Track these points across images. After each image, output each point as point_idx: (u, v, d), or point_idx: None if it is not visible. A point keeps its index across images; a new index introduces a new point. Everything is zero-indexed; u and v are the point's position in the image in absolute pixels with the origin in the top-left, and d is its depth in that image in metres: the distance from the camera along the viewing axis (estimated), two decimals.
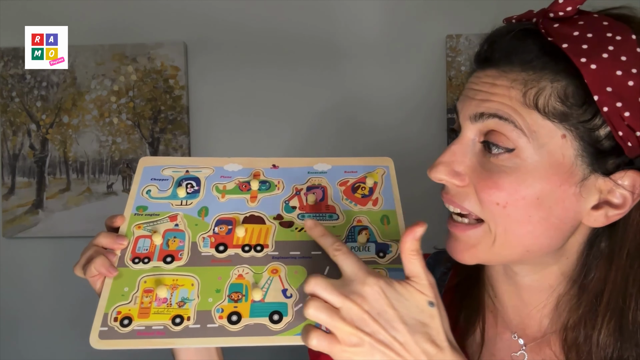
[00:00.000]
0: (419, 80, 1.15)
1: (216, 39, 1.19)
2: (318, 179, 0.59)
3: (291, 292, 0.49)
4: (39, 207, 1.20)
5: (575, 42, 0.44)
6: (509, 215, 0.47)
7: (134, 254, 0.52)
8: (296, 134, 1.18)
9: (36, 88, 1.19)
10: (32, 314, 1.22)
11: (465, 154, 0.49)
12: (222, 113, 1.20)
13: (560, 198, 0.46)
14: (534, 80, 0.45)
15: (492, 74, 0.47)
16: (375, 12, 1.17)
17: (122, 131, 1.19)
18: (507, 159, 0.46)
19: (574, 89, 0.44)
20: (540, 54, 0.45)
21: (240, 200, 0.57)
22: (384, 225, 0.54)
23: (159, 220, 0.54)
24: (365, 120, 1.17)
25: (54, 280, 1.21)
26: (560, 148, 0.45)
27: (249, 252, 0.52)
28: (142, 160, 0.60)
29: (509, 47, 0.47)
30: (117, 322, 0.47)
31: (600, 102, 0.43)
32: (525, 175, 0.45)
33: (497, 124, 0.46)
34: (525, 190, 0.46)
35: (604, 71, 0.43)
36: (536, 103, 0.45)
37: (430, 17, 1.15)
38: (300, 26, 1.18)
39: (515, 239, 0.48)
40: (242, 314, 0.47)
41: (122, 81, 1.19)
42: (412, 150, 1.11)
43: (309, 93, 1.18)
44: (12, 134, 1.20)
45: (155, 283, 0.49)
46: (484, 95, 0.47)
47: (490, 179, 0.46)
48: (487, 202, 0.47)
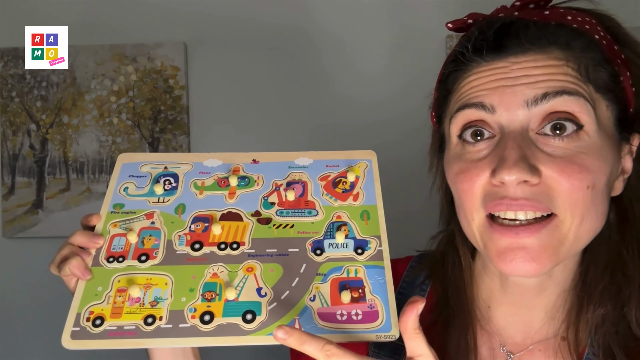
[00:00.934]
0: (419, 80, 1.15)
1: (216, 38, 1.19)
2: (299, 174, 0.57)
3: (266, 291, 0.48)
4: (39, 207, 1.20)
5: (580, 24, 0.46)
6: (592, 199, 0.44)
7: (109, 252, 0.51)
8: (296, 134, 1.18)
9: (36, 88, 1.19)
10: (32, 314, 1.22)
11: (529, 145, 0.44)
12: (222, 113, 1.20)
13: (616, 169, 0.47)
14: (580, 57, 0.45)
15: (526, 59, 0.45)
16: (376, 12, 1.17)
17: (122, 131, 1.19)
18: (578, 138, 0.44)
19: (603, 63, 0.45)
20: (572, 34, 0.46)
21: (218, 196, 0.55)
22: (364, 220, 0.53)
23: (135, 218, 0.54)
24: (365, 120, 1.16)
25: (54, 280, 1.21)
26: (607, 119, 0.46)
27: (225, 250, 0.51)
28: (121, 156, 0.59)
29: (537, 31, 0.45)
30: (89, 322, 0.46)
31: (619, 73, 0.46)
32: (600, 149, 0.44)
33: (566, 102, 0.43)
34: (606, 165, 0.44)
35: (610, 45, 0.46)
36: (589, 76, 0.44)
37: (430, 17, 1.15)
38: (300, 26, 1.18)
39: (590, 223, 0.45)
40: (215, 314, 0.46)
41: (122, 81, 1.19)
42: (412, 150, 1.11)
43: (309, 93, 1.18)
44: (12, 134, 1.20)
45: (129, 282, 0.48)
46: (531, 78, 0.44)
47: (574, 163, 0.43)
48: (577, 189, 0.43)
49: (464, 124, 0.48)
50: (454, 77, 0.50)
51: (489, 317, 0.55)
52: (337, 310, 0.46)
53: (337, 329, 0.45)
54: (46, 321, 1.22)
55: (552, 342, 0.51)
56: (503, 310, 0.54)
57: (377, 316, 0.46)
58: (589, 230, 0.46)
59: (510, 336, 0.53)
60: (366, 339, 0.45)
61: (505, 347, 0.53)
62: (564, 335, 0.50)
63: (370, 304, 0.46)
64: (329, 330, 0.45)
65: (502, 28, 0.46)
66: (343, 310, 0.46)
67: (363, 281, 0.48)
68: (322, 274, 0.49)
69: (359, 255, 0.50)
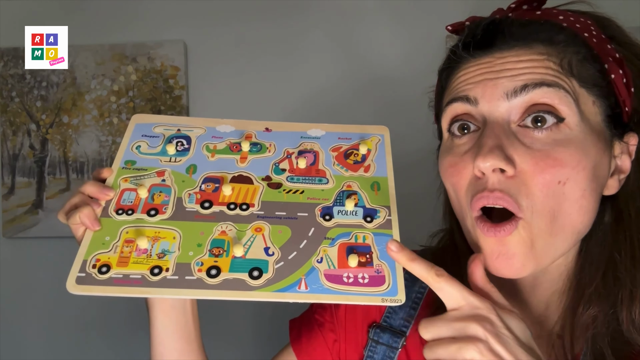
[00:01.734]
0: (419, 80, 1.15)
1: (216, 38, 1.18)
2: (311, 144, 0.58)
3: (273, 251, 0.48)
4: (39, 207, 1.20)
5: (570, 22, 0.46)
6: (564, 194, 0.44)
7: (118, 205, 0.52)
8: None
9: (36, 88, 1.19)
10: (32, 314, 1.22)
11: (508, 136, 0.45)
12: (222, 113, 1.19)
13: (605, 165, 0.46)
14: (563, 52, 0.45)
15: (511, 54, 0.46)
16: (375, 12, 1.17)
17: (122, 131, 1.19)
18: (558, 131, 0.44)
19: (590, 59, 0.46)
20: (555, 30, 0.46)
21: (229, 160, 0.57)
22: (374, 191, 0.54)
23: (146, 175, 0.55)
24: (364, 119, 1.16)
25: (54, 280, 1.21)
26: (594, 114, 0.46)
27: (234, 210, 0.52)
28: (135, 117, 0.61)
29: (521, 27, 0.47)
30: (95, 269, 0.46)
31: (609, 70, 0.45)
32: (582, 143, 0.44)
33: (545, 93, 0.44)
34: (586, 160, 0.44)
35: (602, 44, 0.46)
36: (571, 69, 0.45)
37: (431, 17, 1.15)
38: (301, 26, 1.18)
39: (566, 219, 0.45)
40: (222, 269, 0.47)
41: (122, 81, 1.19)
42: (411, 150, 1.11)
43: (309, 93, 1.18)
44: (12, 134, 1.20)
45: (137, 234, 0.49)
46: (513, 71, 0.45)
47: (549, 157, 0.43)
48: (548, 183, 0.43)
49: (451, 118, 0.50)
50: (446, 74, 0.52)
51: None
52: (344, 273, 0.47)
53: (343, 291, 0.45)
54: (46, 321, 1.22)
55: (547, 339, 0.51)
56: None
57: (383, 280, 0.46)
58: (566, 227, 0.45)
59: None
60: (372, 302, 0.45)
61: None
62: (560, 334, 0.51)
63: (377, 269, 0.47)
64: (335, 291, 0.45)
65: (490, 26, 0.48)
66: (350, 273, 0.47)
67: (371, 247, 0.49)
68: (330, 238, 0.49)
69: (367, 223, 0.51)
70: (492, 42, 0.47)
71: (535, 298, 0.52)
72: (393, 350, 0.57)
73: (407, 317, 0.58)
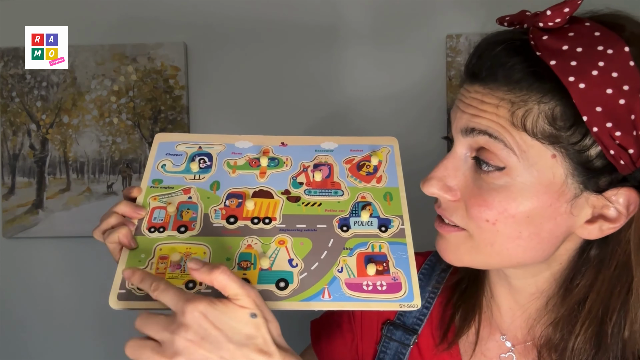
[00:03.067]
0: (418, 80, 1.15)
1: (216, 39, 1.19)
2: (325, 157, 0.61)
3: (297, 262, 0.51)
4: (39, 207, 1.20)
5: (564, 58, 0.42)
6: (498, 231, 0.47)
7: (150, 223, 0.54)
8: (297, 134, 1.18)
9: (36, 88, 1.19)
10: (32, 314, 1.22)
11: (458, 168, 0.50)
12: (222, 113, 1.20)
13: (551, 215, 0.46)
14: (521, 101, 0.43)
15: (480, 90, 0.47)
16: (375, 12, 1.17)
17: (122, 131, 1.19)
18: (498, 177, 0.46)
19: (563, 109, 0.42)
20: (526, 73, 0.43)
21: (250, 175, 0.59)
22: (387, 201, 0.57)
23: (174, 193, 0.57)
24: (364, 120, 1.16)
25: (54, 281, 1.21)
26: (551, 168, 0.44)
27: (258, 224, 0.54)
28: (158, 136, 0.64)
29: (495, 63, 0.45)
30: (134, 285, 0.49)
31: (590, 123, 0.41)
32: (515, 194, 0.45)
33: (488, 142, 0.46)
34: (515, 208, 0.46)
35: (593, 90, 0.41)
36: (524, 124, 0.43)
37: (430, 17, 1.15)
38: (300, 26, 1.18)
39: (504, 251, 0.48)
40: (251, 281, 0.49)
41: (122, 81, 1.19)
42: (411, 150, 1.11)
43: (308, 93, 1.18)
44: (12, 134, 1.20)
45: (170, 251, 0.52)
46: (473, 110, 0.47)
47: (480, 197, 0.47)
48: (476, 218, 0.48)
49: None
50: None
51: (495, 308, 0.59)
52: (363, 281, 0.50)
53: (364, 298, 0.49)
54: (46, 321, 1.22)
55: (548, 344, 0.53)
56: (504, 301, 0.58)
57: (400, 287, 0.50)
58: (507, 256, 0.49)
59: (511, 330, 0.57)
60: (391, 308, 0.49)
61: (506, 337, 0.57)
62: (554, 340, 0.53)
63: (394, 276, 0.50)
64: (356, 299, 0.49)
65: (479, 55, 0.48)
66: (369, 281, 0.50)
67: (387, 256, 0.52)
68: (348, 249, 0.53)
69: (382, 233, 0.54)
70: (475, 74, 0.48)
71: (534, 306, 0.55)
72: (405, 347, 0.59)
73: (420, 316, 0.61)
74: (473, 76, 0.48)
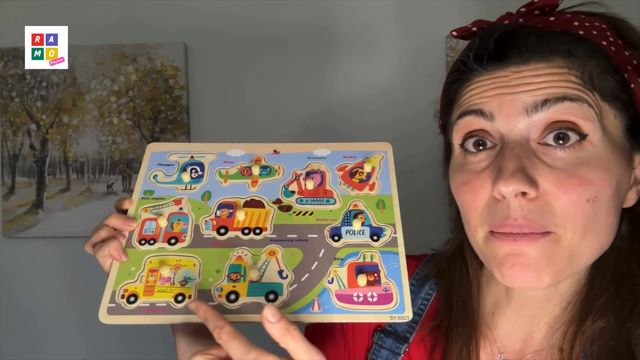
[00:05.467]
0: (418, 80, 1.15)
1: (216, 39, 1.19)
2: (317, 164, 0.60)
3: (287, 273, 0.50)
4: (39, 207, 1.20)
5: (587, 30, 0.44)
6: (595, 213, 0.42)
7: (141, 235, 0.54)
8: (297, 134, 1.18)
9: (36, 88, 1.19)
10: (32, 313, 1.22)
11: (529, 156, 0.43)
12: (222, 113, 1.20)
13: (626, 179, 0.45)
14: (583, 65, 0.43)
15: (528, 68, 0.44)
16: (374, 12, 1.17)
17: (122, 131, 1.19)
18: (581, 148, 0.42)
19: (610, 71, 0.44)
20: (575, 42, 0.44)
21: (241, 185, 0.58)
22: (379, 209, 0.55)
23: (165, 204, 0.57)
24: (363, 119, 1.16)
25: (54, 281, 1.21)
26: (615, 128, 0.44)
27: (249, 235, 0.54)
28: (150, 146, 0.63)
29: (537, 39, 0.44)
30: (124, 299, 0.49)
31: (629, 80, 0.44)
32: (605, 160, 0.43)
33: (568, 108, 0.42)
34: (611, 177, 0.43)
35: (620, 51, 0.44)
36: (593, 84, 0.43)
37: (430, 17, 1.15)
38: (300, 26, 1.18)
39: (594, 238, 0.43)
40: (240, 293, 0.49)
41: (122, 81, 1.19)
42: (410, 150, 1.11)
43: (308, 93, 1.18)
44: (12, 134, 1.20)
45: (160, 263, 0.51)
46: (531, 86, 0.43)
47: (574, 176, 0.42)
48: (575, 202, 0.42)
49: (465, 133, 0.48)
50: (456, 85, 0.50)
51: (493, 324, 0.54)
52: (354, 292, 0.49)
53: (354, 310, 0.48)
54: (46, 321, 1.22)
55: (549, 353, 0.50)
56: (507, 318, 0.54)
57: (391, 298, 0.48)
58: (593, 245, 0.44)
59: (510, 344, 0.53)
60: (381, 320, 0.47)
61: (503, 355, 0.53)
62: (561, 347, 0.49)
63: (385, 287, 0.49)
64: (346, 310, 0.48)
65: (503, 37, 0.45)
66: (359, 292, 0.49)
67: (378, 266, 0.51)
68: (339, 259, 0.51)
69: (374, 242, 0.53)
70: (506, 55, 0.45)
71: (545, 313, 0.51)
72: (395, 355, 0.56)
73: (412, 324, 0.58)
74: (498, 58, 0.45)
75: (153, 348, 1.17)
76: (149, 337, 1.17)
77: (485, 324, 0.55)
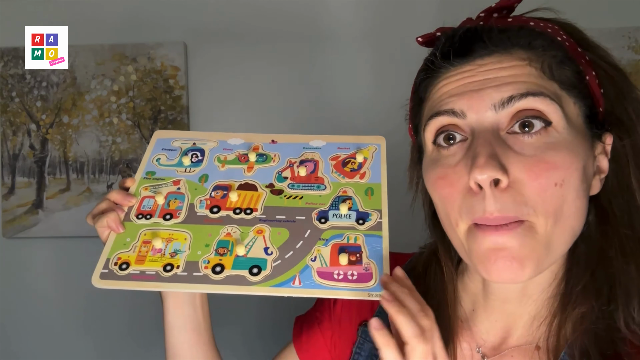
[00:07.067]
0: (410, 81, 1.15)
1: (216, 38, 1.19)
2: (312, 154, 0.63)
3: (272, 250, 0.53)
4: (39, 207, 1.20)
5: (542, 28, 0.47)
6: (563, 196, 0.43)
7: (139, 210, 0.58)
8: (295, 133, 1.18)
9: (36, 88, 1.19)
10: (32, 314, 1.22)
11: (499, 143, 0.44)
12: (222, 113, 1.20)
13: (590, 165, 0.46)
14: (542, 56, 0.46)
15: (491, 60, 0.46)
16: (374, 12, 1.17)
17: (122, 131, 1.19)
18: (547, 134, 0.44)
19: (567, 60, 0.46)
20: (533, 35, 0.47)
21: (237, 169, 0.61)
22: (368, 196, 0.57)
23: (164, 184, 0.60)
24: (362, 119, 1.16)
25: (54, 281, 1.21)
26: (576, 116, 0.46)
27: (239, 215, 0.56)
28: (157, 132, 0.67)
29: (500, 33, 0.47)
30: (116, 266, 0.53)
31: (584, 71, 0.46)
32: (571, 145, 0.44)
33: (530, 103, 0.44)
34: (577, 161, 0.44)
35: (573, 45, 0.47)
36: (552, 74, 0.45)
37: (429, 16, 1.15)
38: (300, 26, 1.18)
39: (566, 222, 0.45)
40: (225, 266, 0.52)
41: (122, 81, 1.19)
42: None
43: (308, 93, 1.18)
44: (12, 134, 1.20)
45: (153, 235, 0.55)
46: (496, 80, 0.45)
47: (542, 161, 0.43)
48: (544, 187, 0.43)
49: (437, 129, 0.49)
50: (425, 85, 0.52)
51: (472, 320, 0.55)
52: (335, 270, 0.51)
53: (333, 286, 0.50)
54: (46, 321, 1.22)
55: (528, 349, 0.51)
56: (486, 315, 0.54)
57: (370, 277, 0.50)
58: (565, 230, 0.45)
59: (489, 340, 0.53)
60: (359, 297, 0.49)
61: (481, 349, 0.53)
62: (539, 345, 0.50)
63: (366, 266, 0.51)
64: (325, 286, 0.50)
65: (467, 33, 0.48)
66: (340, 270, 0.51)
67: (361, 247, 0.53)
68: (324, 239, 0.54)
69: (360, 225, 0.54)
70: (471, 49, 0.47)
71: (524, 309, 0.51)
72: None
73: None
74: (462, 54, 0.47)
75: (153, 348, 1.17)
76: (149, 337, 1.17)
77: (465, 320, 0.55)
